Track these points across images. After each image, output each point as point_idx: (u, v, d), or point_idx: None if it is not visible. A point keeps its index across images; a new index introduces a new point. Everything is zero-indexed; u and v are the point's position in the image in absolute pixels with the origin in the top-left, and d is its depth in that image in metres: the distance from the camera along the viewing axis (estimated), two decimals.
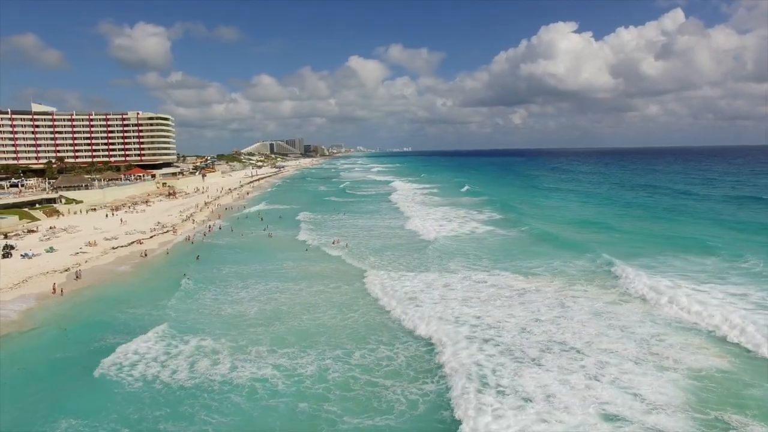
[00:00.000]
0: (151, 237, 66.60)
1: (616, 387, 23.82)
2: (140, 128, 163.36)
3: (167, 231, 70.14)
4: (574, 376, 24.94)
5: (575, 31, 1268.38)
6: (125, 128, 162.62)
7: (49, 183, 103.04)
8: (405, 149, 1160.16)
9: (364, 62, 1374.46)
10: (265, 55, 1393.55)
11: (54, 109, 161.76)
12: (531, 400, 22.71)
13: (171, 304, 37.32)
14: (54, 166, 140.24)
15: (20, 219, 76.36)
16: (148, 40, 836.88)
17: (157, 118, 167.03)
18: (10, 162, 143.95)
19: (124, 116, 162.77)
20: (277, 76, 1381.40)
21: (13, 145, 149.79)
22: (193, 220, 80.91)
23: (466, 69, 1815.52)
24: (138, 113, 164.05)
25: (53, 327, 33.10)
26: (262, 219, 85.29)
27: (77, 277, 45.62)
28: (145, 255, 55.88)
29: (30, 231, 69.26)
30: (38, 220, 79.71)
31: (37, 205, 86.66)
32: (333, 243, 61.23)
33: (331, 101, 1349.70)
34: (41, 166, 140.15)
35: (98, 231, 70.25)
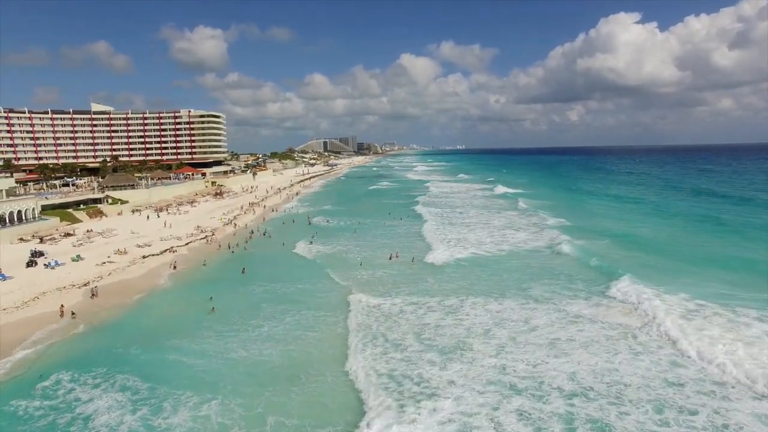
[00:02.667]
0: (187, 243, 61.34)
1: None
2: (192, 126, 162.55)
3: (204, 237, 64.74)
4: None
5: (638, 22, 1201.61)
6: (177, 126, 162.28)
7: (97, 183, 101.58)
8: (458, 147, 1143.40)
9: (416, 60, 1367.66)
10: (317, 54, 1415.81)
11: (111, 109, 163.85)
12: None
13: (175, 344, 30.33)
14: (108, 164, 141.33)
15: (62, 221, 73.75)
16: (206, 42, 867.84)
17: (208, 116, 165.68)
18: (70, 161, 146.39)
19: (176, 114, 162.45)
20: (330, 74, 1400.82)
21: (73, 144, 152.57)
22: (235, 225, 75.51)
23: (520, 65, 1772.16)
24: (190, 111, 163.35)
25: (34, 374, 26.67)
26: (309, 223, 78.95)
27: (93, 294, 40.17)
28: (175, 267, 50.17)
29: (67, 234, 65.91)
30: (80, 221, 77.00)
31: (82, 206, 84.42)
32: (390, 258, 53.28)
33: (383, 99, 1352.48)
34: (98, 164, 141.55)
35: (134, 235, 66.01)
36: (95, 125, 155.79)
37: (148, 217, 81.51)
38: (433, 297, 39.57)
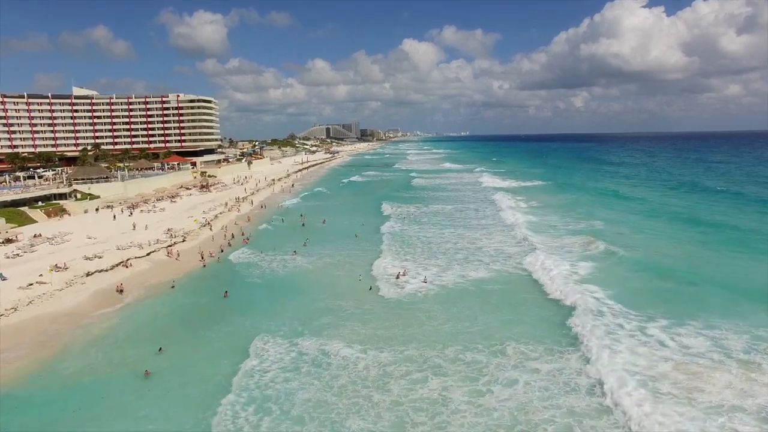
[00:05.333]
0: (149, 254, 50.15)
1: None
2: (181, 112, 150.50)
3: (171, 245, 53.43)
4: None
5: (645, 6, 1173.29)
6: (165, 112, 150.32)
7: (65, 174, 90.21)
8: (462, 133, 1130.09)
9: (418, 45, 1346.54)
10: (318, 39, 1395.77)
11: (95, 93, 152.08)
12: None
13: None
14: (89, 153, 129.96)
15: (9, 222, 62.61)
16: (206, 27, 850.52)
17: (199, 101, 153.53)
18: (49, 149, 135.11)
19: (164, 99, 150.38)
20: (331, 60, 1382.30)
21: (52, 131, 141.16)
22: (211, 227, 64.09)
23: (523, 50, 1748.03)
24: (178, 95, 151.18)
25: None
26: (303, 225, 67.73)
27: None
28: (121, 291, 39.06)
29: (8, 240, 54.81)
30: (34, 222, 65.94)
31: (41, 203, 73.25)
32: (397, 277, 42.08)
33: (386, 85, 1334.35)
34: (78, 153, 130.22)
35: (91, 241, 54.95)
36: (76, 111, 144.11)
37: (114, 216, 70.26)
38: (436, 348, 28.39)
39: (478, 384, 24.42)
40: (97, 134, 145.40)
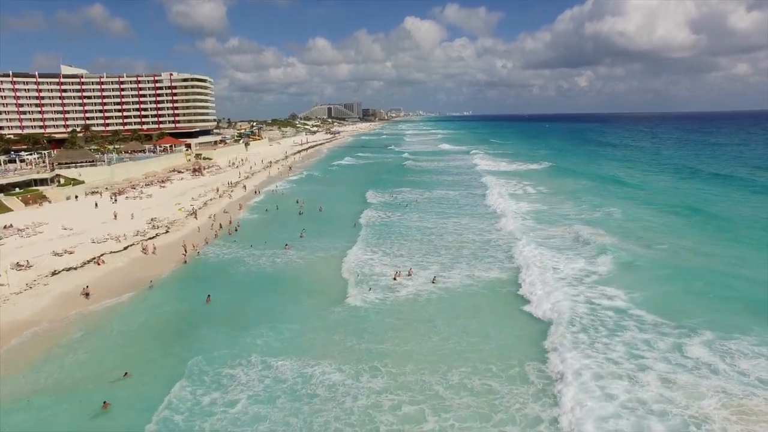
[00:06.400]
0: (125, 248, 45.81)
1: None
2: (174, 91, 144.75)
3: (151, 238, 49.08)
4: None
5: None
6: (158, 91, 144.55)
7: (49, 158, 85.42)
8: (465, 113, 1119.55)
9: (420, 23, 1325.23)
10: (319, 18, 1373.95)
11: (84, 72, 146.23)
12: None
13: None
14: (79, 135, 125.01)
15: None
16: (204, 6, 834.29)
17: (193, 80, 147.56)
18: (36, 131, 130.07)
19: (156, 78, 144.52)
20: (333, 39, 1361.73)
21: (39, 112, 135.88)
22: (196, 216, 59.58)
23: (527, 29, 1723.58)
24: (171, 74, 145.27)
25: None
26: (300, 213, 63.29)
27: None
28: (87, 295, 34.78)
29: None
30: (10, 210, 61.61)
31: (17, 189, 68.79)
32: (395, 278, 37.49)
33: (388, 64, 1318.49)
34: (67, 135, 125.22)
35: (66, 233, 50.67)
36: (65, 90, 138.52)
37: (96, 204, 65.78)
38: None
39: (488, 425, 20.12)
40: (87, 115, 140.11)
